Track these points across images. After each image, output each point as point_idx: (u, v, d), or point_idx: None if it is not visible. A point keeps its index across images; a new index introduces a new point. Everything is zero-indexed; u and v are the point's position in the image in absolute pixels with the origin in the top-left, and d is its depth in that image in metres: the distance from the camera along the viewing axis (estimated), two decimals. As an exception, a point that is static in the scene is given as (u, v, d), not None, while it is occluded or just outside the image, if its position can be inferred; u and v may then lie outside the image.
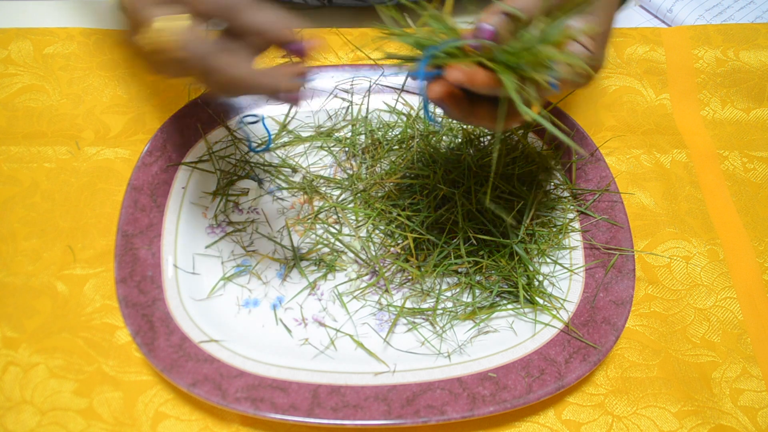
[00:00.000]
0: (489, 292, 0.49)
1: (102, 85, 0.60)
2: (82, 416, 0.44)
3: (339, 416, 0.42)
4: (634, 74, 0.64)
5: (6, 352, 0.46)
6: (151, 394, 0.45)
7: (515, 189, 0.51)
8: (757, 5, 0.69)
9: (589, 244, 0.52)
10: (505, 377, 0.45)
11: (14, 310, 0.48)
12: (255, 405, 0.42)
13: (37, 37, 0.61)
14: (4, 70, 0.60)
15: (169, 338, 0.45)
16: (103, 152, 0.56)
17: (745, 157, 0.60)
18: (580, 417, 0.46)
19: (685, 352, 0.49)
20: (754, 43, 0.64)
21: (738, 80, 0.63)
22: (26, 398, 0.45)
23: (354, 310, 0.49)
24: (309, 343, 0.47)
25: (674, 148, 0.60)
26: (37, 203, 0.53)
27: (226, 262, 0.51)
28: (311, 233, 0.52)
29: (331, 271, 0.51)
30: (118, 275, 0.47)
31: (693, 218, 0.56)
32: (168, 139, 0.54)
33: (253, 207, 0.54)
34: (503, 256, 0.49)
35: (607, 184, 0.53)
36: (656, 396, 0.47)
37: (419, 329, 0.48)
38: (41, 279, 0.49)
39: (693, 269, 0.53)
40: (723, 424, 0.46)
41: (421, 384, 0.45)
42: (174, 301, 0.47)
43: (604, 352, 0.45)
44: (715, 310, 0.51)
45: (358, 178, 0.54)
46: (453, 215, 0.50)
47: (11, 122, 0.57)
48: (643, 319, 0.50)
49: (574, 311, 0.48)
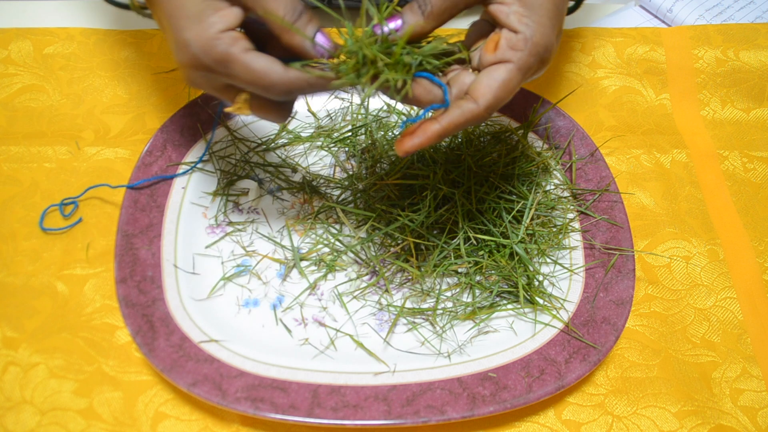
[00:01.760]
0: (489, 292, 0.49)
1: (102, 85, 0.60)
2: (82, 416, 0.44)
3: (339, 416, 0.42)
4: (634, 74, 0.64)
5: (6, 352, 0.46)
6: (151, 394, 0.45)
7: (515, 189, 0.51)
8: (757, 5, 0.69)
9: (589, 244, 0.52)
10: (505, 377, 0.45)
11: (14, 310, 0.48)
12: (255, 405, 0.42)
13: (37, 37, 0.61)
14: (4, 70, 0.60)
15: (169, 338, 0.45)
16: (103, 152, 0.56)
17: (745, 157, 0.60)
18: (580, 417, 0.46)
19: (685, 352, 0.49)
20: (754, 43, 0.64)
21: (738, 80, 0.63)
22: (26, 398, 0.45)
23: (354, 310, 0.49)
24: (309, 343, 0.47)
25: (674, 148, 0.60)
26: (37, 203, 0.53)
27: (226, 262, 0.51)
28: (311, 233, 0.52)
29: (331, 271, 0.51)
30: (118, 275, 0.47)
31: (693, 218, 0.56)
32: (168, 139, 0.54)
33: (253, 207, 0.54)
34: (503, 256, 0.49)
35: (607, 184, 0.53)
36: (656, 396, 0.47)
37: (419, 329, 0.48)
38: (41, 279, 0.49)
39: (693, 269, 0.53)
40: (723, 424, 0.46)
41: (421, 384, 0.45)
42: (174, 301, 0.47)
43: (604, 352, 0.45)
44: (715, 310, 0.51)
45: (358, 178, 0.54)
46: (453, 215, 0.50)
47: (11, 122, 0.57)
48: (643, 319, 0.50)
49: (574, 311, 0.48)
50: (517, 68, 0.39)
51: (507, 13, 0.39)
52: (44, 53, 0.61)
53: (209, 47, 0.37)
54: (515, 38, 0.39)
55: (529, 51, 0.39)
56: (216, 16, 0.37)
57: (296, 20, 0.37)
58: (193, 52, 0.37)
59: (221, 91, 0.40)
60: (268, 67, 0.37)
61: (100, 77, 0.60)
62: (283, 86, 0.38)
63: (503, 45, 0.39)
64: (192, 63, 0.38)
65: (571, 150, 0.56)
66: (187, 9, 0.37)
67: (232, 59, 0.37)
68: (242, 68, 0.37)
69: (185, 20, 0.37)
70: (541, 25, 0.39)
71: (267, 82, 0.37)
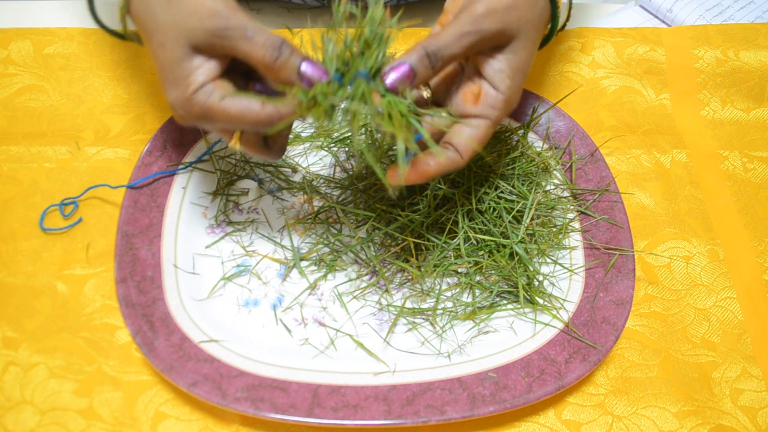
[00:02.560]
0: (489, 292, 0.49)
1: (102, 85, 0.60)
2: (82, 416, 0.44)
3: (339, 416, 0.42)
4: (634, 74, 0.64)
5: (6, 352, 0.46)
6: (151, 394, 0.45)
7: (515, 189, 0.51)
8: (757, 5, 0.69)
9: (589, 244, 0.52)
10: (505, 377, 0.45)
11: (14, 310, 0.48)
12: (255, 405, 0.42)
13: (37, 37, 0.61)
14: (4, 70, 0.60)
15: (169, 338, 0.45)
16: (103, 152, 0.56)
17: (745, 157, 0.60)
18: (580, 417, 0.46)
19: (685, 352, 0.49)
20: (754, 43, 0.64)
21: (738, 80, 0.63)
22: (26, 398, 0.45)
23: (354, 310, 0.49)
24: (309, 343, 0.47)
25: (674, 148, 0.60)
26: (37, 203, 0.53)
27: (226, 262, 0.51)
28: (311, 233, 0.52)
29: (331, 271, 0.51)
30: (118, 275, 0.47)
31: (693, 218, 0.56)
32: (168, 139, 0.54)
33: (253, 207, 0.54)
34: (503, 256, 0.49)
35: (607, 184, 0.53)
36: (656, 396, 0.47)
37: (419, 329, 0.48)
38: (41, 279, 0.49)
39: (693, 269, 0.53)
40: (723, 424, 0.46)
41: (421, 384, 0.45)
42: (174, 301, 0.47)
43: (604, 352, 0.45)
44: (715, 310, 0.51)
45: (358, 178, 0.54)
46: (453, 215, 0.50)
47: (11, 122, 0.57)
48: (643, 319, 0.50)
49: (574, 311, 0.48)
50: (493, 124, 0.43)
51: (495, 69, 0.42)
52: (44, 53, 0.61)
53: (189, 107, 0.39)
54: (495, 97, 0.42)
55: (504, 110, 0.43)
56: (195, 75, 0.39)
57: (278, 57, 0.38)
58: (179, 113, 0.40)
59: (219, 132, 0.42)
60: (245, 108, 0.39)
61: (100, 77, 0.60)
62: (262, 122, 0.39)
63: (484, 101, 0.42)
64: (181, 120, 0.41)
65: (571, 150, 0.56)
66: (168, 72, 0.39)
67: (211, 111, 0.39)
68: (222, 116, 0.39)
69: (167, 83, 0.40)
70: (518, 88, 0.43)
71: (247, 121, 0.39)
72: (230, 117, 0.39)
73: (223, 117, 0.39)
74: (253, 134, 0.41)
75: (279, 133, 0.43)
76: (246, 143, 0.42)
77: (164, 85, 0.40)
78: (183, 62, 0.38)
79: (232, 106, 0.39)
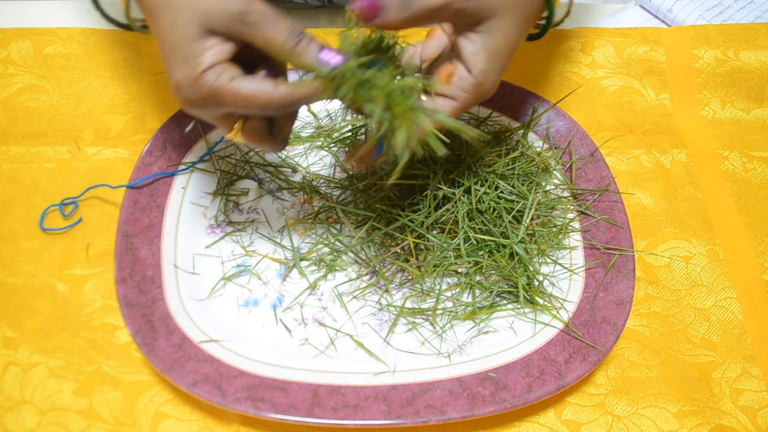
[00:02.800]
0: (489, 292, 0.49)
1: (102, 85, 0.60)
2: (82, 416, 0.44)
3: (339, 416, 0.42)
4: (634, 74, 0.64)
5: (6, 352, 0.46)
6: (151, 394, 0.45)
7: (515, 189, 0.51)
8: (757, 5, 0.69)
9: (589, 244, 0.52)
10: (505, 377, 0.45)
11: (14, 310, 0.48)
12: (255, 405, 0.42)
13: (37, 37, 0.61)
14: (4, 70, 0.60)
15: (169, 338, 0.45)
16: (103, 152, 0.56)
17: (745, 157, 0.60)
18: (580, 417, 0.46)
19: (685, 352, 0.49)
20: (754, 43, 0.64)
21: (738, 80, 0.63)
22: (26, 398, 0.45)
23: (354, 310, 0.49)
24: (309, 343, 0.47)
25: (674, 148, 0.60)
26: (37, 203, 0.53)
27: (226, 262, 0.51)
28: (311, 233, 0.52)
29: (331, 271, 0.51)
30: (118, 275, 0.47)
31: (693, 218, 0.56)
32: (168, 139, 0.54)
33: (253, 207, 0.54)
34: (503, 256, 0.49)
35: (607, 184, 0.53)
36: (656, 396, 0.47)
37: (419, 329, 0.48)
38: (41, 279, 0.49)
39: (693, 269, 0.53)
40: (723, 424, 0.46)
41: (421, 384, 0.45)
42: (174, 301, 0.47)
43: (604, 352, 0.45)
44: (715, 310, 0.51)
45: (358, 178, 0.54)
46: (453, 215, 0.50)
47: (11, 122, 0.57)
48: (643, 319, 0.50)
49: (574, 311, 0.48)
50: (460, 107, 0.42)
51: (470, 51, 0.41)
52: (44, 53, 0.61)
53: (197, 87, 0.38)
54: (467, 80, 0.41)
55: (475, 95, 0.42)
56: (205, 54, 0.38)
57: (298, 44, 0.38)
58: (184, 93, 0.38)
59: (220, 120, 0.41)
60: (257, 89, 0.38)
61: (100, 77, 0.60)
62: (275, 103, 0.38)
63: (455, 82, 0.41)
64: (186, 102, 0.39)
65: (571, 150, 0.56)
66: (178, 51, 0.38)
67: (221, 91, 0.38)
68: (231, 96, 0.38)
69: (175, 62, 0.38)
70: (494, 73, 0.41)
71: (258, 103, 0.38)
72: (240, 98, 0.38)
73: (233, 98, 0.38)
74: (257, 122, 0.40)
75: (285, 121, 0.42)
76: (249, 132, 0.41)
77: (170, 63, 0.38)
78: (195, 41, 0.37)
79: (242, 87, 0.38)
